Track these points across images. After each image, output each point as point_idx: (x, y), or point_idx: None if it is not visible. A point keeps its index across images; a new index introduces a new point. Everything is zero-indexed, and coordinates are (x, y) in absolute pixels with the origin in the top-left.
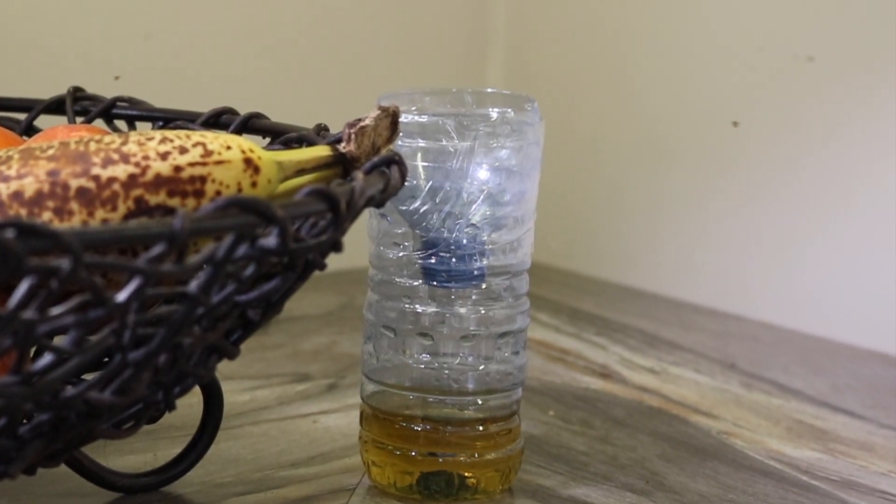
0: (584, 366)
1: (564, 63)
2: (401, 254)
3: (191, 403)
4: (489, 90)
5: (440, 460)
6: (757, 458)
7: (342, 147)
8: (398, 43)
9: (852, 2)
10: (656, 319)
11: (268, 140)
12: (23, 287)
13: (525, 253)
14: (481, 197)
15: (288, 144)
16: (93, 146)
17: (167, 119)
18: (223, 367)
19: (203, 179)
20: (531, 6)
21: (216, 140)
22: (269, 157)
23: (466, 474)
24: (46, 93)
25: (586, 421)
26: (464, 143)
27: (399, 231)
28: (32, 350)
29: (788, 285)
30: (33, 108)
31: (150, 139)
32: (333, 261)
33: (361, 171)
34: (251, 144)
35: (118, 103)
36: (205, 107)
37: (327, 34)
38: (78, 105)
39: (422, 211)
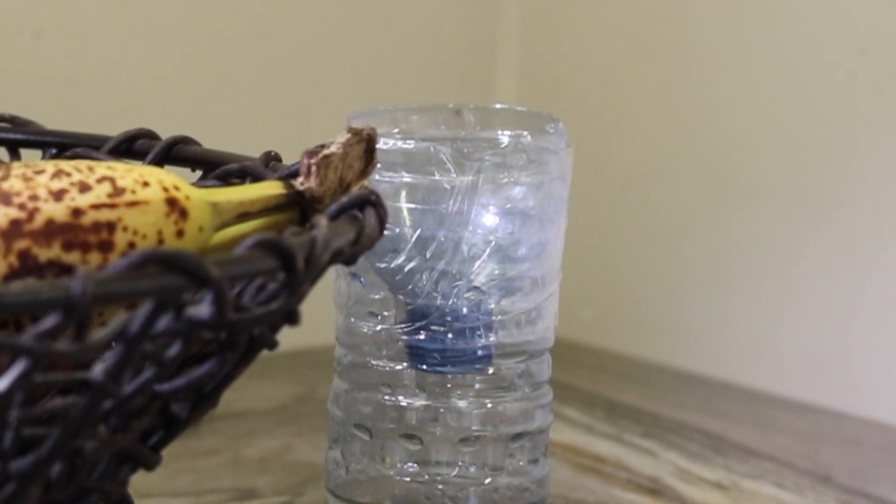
0: (627, 478)
1: (598, 70)
2: (378, 327)
3: None
4: (498, 106)
5: None
6: None
7: (299, 183)
8: (378, 44)
9: None
10: (724, 416)
11: (199, 173)
12: None
13: (546, 326)
14: (487, 250)
15: (226, 179)
16: None
17: (63, 145)
18: (139, 481)
19: (111, 227)
20: None
21: (129, 174)
22: (201, 197)
23: None
24: None
25: None
26: (464, 177)
27: (376, 297)
28: None
29: None
30: None
31: (40, 173)
32: (287, 337)
33: (325, 215)
34: (176, 179)
35: None
36: (114, 128)
37: (283, 31)
38: None
39: (407, 269)
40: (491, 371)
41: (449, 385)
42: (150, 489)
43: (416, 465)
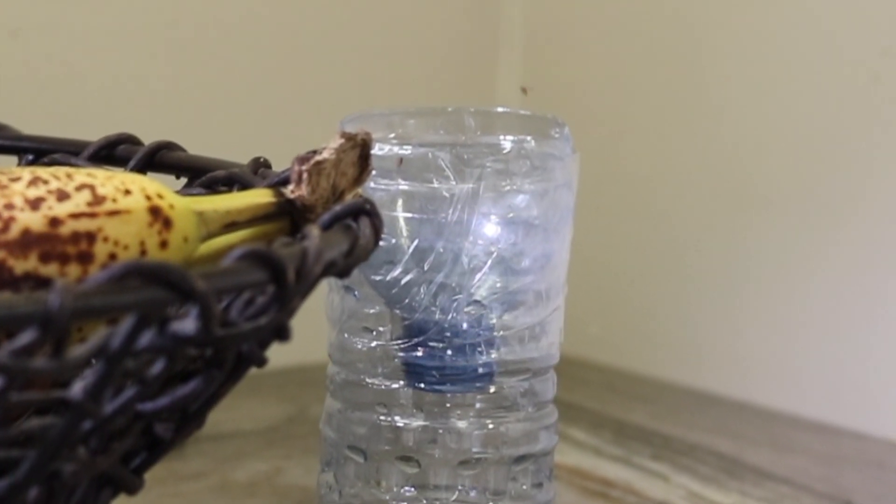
0: (637, 503)
1: (606, 71)
2: (374, 343)
3: None
4: (499, 109)
5: None
6: None
7: (290, 191)
8: (373, 43)
9: None
10: (739, 437)
11: (184, 181)
12: None
13: (551, 342)
14: (489, 262)
15: (212, 187)
16: None
17: (40, 151)
18: None
19: (91, 237)
20: None
21: (110, 181)
22: (186, 206)
23: None
24: None
25: None
26: (464, 185)
27: (371, 311)
28: None
29: None
30: None
31: (15, 180)
32: (277, 354)
33: (317, 225)
34: (160, 187)
35: None
36: (93, 133)
37: (273, 30)
38: None
39: (404, 282)
40: (492, 390)
41: (448, 405)
42: None
43: (413, 489)
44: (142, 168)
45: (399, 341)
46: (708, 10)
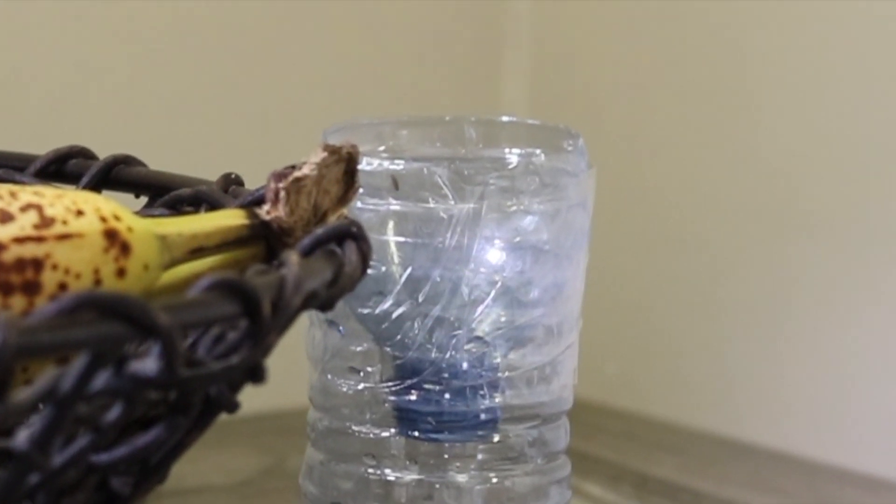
0: None
1: (624, 75)
2: (361, 386)
3: None
4: (505, 119)
5: None
6: None
7: (265, 211)
8: (361, 44)
9: None
10: (779, 493)
11: (144, 200)
12: None
13: (563, 385)
14: (492, 293)
15: (177, 207)
16: None
17: None
18: None
19: (38, 264)
20: None
21: (59, 201)
22: (147, 229)
23: None
24: None
25: None
26: (464, 205)
27: (358, 349)
28: None
29: None
30: None
31: None
32: (251, 397)
33: (297, 250)
34: (116, 208)
35: None
36: (41, 146)
37: (247, 28)
38: None
39: (395, 316)
40: (496, 439)
41: (446, 456)
42: None
43: None
44: (96, 185)
45: (390, 383)
46: (743, 4)
